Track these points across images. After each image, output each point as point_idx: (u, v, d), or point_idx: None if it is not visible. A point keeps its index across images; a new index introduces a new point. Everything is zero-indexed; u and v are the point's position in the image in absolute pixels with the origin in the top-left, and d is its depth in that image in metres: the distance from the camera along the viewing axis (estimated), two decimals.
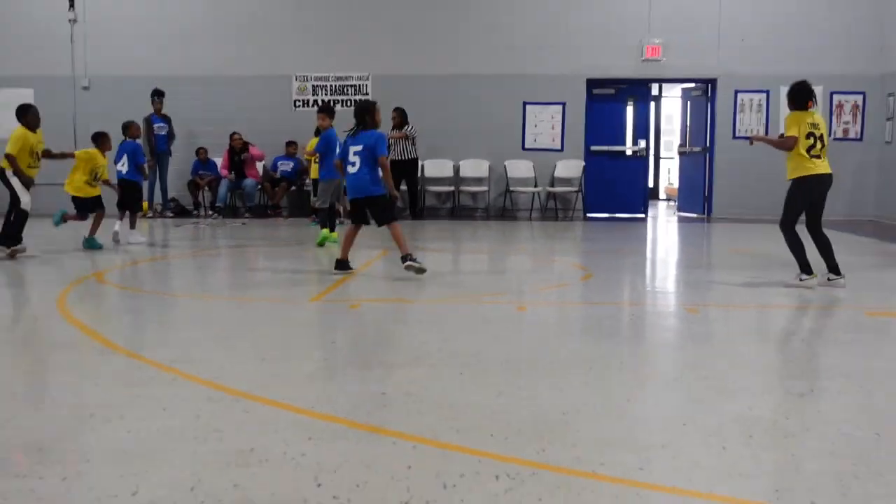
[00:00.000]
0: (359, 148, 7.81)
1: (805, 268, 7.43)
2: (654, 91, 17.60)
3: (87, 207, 10.33)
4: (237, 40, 16.21)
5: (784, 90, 15.46)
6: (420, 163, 15.41)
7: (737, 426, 3.61)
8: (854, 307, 6.79)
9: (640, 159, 16.39)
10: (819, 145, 7.33)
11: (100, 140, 10.50)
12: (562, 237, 12.92)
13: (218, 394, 4.05)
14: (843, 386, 4.29)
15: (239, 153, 15.57)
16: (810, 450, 3.36)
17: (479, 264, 9.77)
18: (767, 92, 15.46)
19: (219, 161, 15.84)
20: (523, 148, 16.06)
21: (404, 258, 7.72)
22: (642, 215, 16.10)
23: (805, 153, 7.29)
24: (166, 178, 15.65)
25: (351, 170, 7.87)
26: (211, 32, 16.25)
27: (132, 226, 10.92)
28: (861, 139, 15.74)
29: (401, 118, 14.94)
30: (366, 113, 7.93)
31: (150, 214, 15.39)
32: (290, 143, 15.76)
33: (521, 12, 15.97)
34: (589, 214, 16.07)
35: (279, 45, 16.21)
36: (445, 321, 6.10)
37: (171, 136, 15.61)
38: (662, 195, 22.11)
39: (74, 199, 10.30)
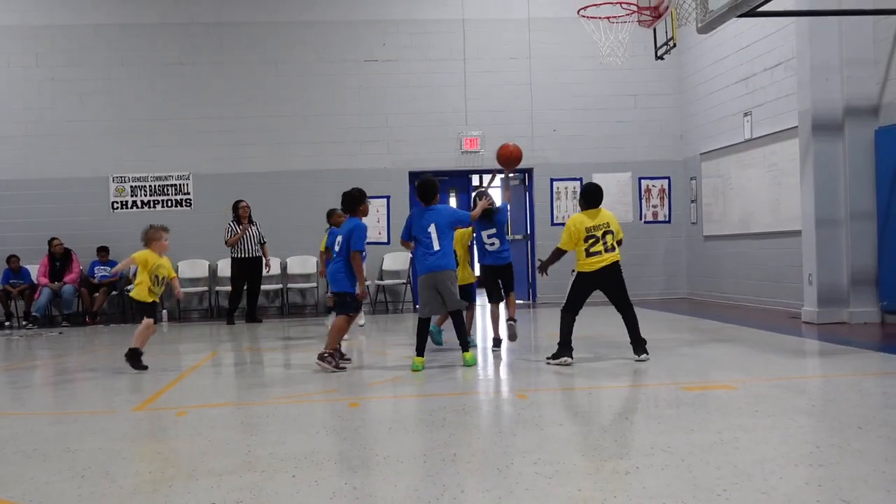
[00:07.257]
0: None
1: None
2: (475, 181, 18.07)
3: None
4: (49, 142, 15.72)
5: (596, 178, 16.11)
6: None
7: None
8: (672, 383, 7.09)
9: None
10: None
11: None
12: (393, 329, 13.00)
13: None
14: (666, 461, 4.45)
15: (60, 259, 14.98)
16: None
17: (309, 362, 9.63)
18: (580, 179, 16.17)
19: (33, 269, 15.14)
20: None
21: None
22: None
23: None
24: None
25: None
26: (21, 134, 15.69)
27: None
28: (669, 221, 16.64)
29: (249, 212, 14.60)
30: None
31: None
32: (102, 249, 15.22)
33: (342, 106, 16.22)
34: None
35: (94, 146, 15.79)
36: (276, 422, 5.98)
37: None
38: None
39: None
